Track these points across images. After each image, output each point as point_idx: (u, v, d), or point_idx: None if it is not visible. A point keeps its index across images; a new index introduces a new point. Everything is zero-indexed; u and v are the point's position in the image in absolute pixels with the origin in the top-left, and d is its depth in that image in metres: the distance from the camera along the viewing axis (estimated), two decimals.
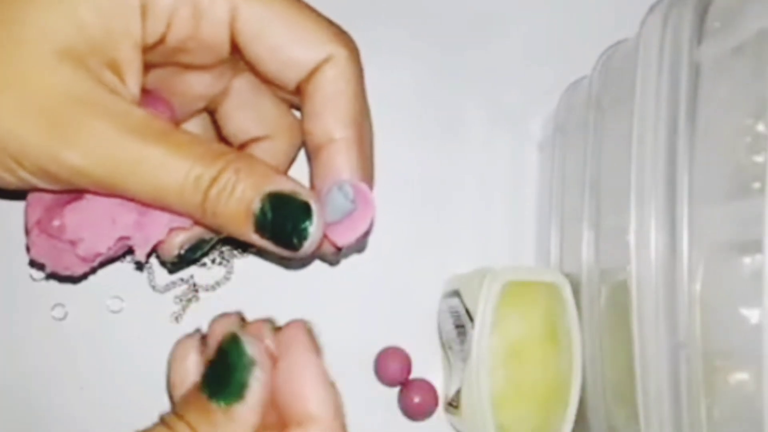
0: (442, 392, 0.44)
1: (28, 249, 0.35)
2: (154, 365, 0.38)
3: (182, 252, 0.36)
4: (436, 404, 0.44)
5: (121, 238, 0.34)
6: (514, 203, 0.46)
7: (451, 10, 0.46)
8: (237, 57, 0.35)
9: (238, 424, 0.31)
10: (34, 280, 0.43)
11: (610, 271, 0.38)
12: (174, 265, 0.42)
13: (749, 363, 0.31)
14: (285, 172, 0.38)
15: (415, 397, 0.43)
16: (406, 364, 0.44)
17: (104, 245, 0.34)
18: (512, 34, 0.46)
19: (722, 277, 0.32)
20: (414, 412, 0.44)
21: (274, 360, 0.33)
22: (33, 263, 0.35)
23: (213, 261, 0.44)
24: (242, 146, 0.38)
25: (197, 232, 0.35)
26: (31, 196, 0.35)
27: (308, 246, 0.32)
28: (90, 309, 0.43)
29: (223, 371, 0.32)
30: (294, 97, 0.37)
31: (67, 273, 0.35)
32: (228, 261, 0.43)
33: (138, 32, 0.32)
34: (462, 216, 0.45)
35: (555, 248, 0.43)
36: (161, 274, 0.43)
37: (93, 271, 0.37)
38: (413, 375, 0.44)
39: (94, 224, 0.33)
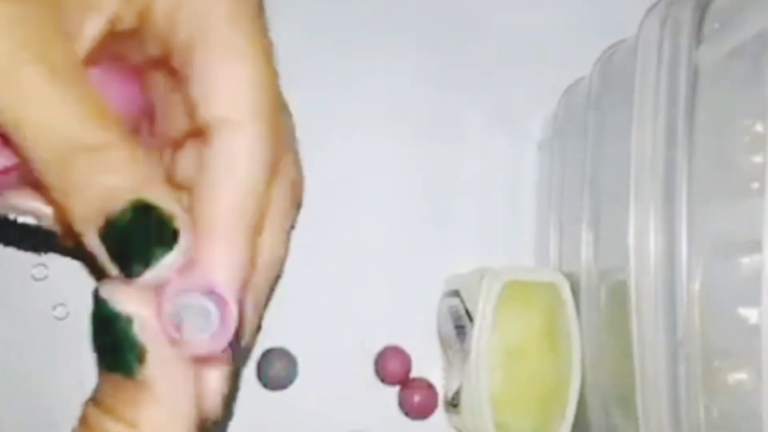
0: (442, 392, 0.44)
1: None
2: None
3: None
4: (436, 403, 0.44)
5: None
6: (514, 204, 0.45)
7: (450, 10, 0.46)
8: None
9: (151, 386, 0.25)
10: (35, 279, 0.43)
11: (609, 271, 0.38)
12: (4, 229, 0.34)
13: (748, 362, 0.30)
14: None
15: (415, 396, 0.43)
16: (406, 363, 0.44)
17: None
18: (511, 35, 0.46)
19: (721, 277, 0.32)
20: (414, 412, 0.44)
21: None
22: None
23: None
24: None
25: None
26: None
27: (148, 276, 0.25)
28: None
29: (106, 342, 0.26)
30: None
31: None
32: None
33: None
34: (462, 216, 0.45)
35: (554, 248, 0.43)
36: None
37: None
38: (413, 374, 0.44)
39: None
